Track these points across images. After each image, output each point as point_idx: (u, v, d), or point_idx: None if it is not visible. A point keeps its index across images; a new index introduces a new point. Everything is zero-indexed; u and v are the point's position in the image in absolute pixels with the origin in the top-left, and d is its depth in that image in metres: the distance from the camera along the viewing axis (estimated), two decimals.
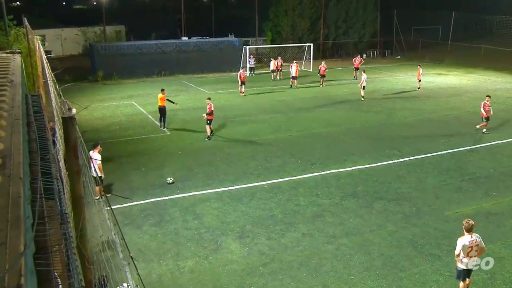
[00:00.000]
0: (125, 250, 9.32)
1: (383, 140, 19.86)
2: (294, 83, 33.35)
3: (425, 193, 14.21)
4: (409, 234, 11.63)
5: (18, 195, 2.16)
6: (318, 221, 12.42)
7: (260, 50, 48.21)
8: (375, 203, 13.48)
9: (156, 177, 15.63)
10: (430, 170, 16.26)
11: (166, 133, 21.23)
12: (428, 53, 50.46)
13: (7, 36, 25.95)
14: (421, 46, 52.90)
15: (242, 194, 14.22)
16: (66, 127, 4.07)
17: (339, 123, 22.89)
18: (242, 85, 30.44)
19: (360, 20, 52.39)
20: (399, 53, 53.12)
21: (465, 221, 8.62)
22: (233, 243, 11.31)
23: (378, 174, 15.83)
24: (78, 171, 4.21)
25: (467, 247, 8.44)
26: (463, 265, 8.61)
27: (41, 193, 2.73)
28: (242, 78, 30.42)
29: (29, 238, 1.87)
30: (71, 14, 71.17)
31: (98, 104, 27.73)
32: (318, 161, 17.23)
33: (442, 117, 24.22)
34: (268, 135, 20.74)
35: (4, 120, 3.21)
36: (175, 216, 12.78)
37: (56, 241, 2.58)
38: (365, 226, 12.08)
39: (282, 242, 11.33)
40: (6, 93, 4.05)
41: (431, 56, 49.38)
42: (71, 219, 3.93)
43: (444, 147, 18.70)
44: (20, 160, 2.60)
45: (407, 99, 28.97)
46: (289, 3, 48.93)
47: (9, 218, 1.96)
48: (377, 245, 11.11)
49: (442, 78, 37.52)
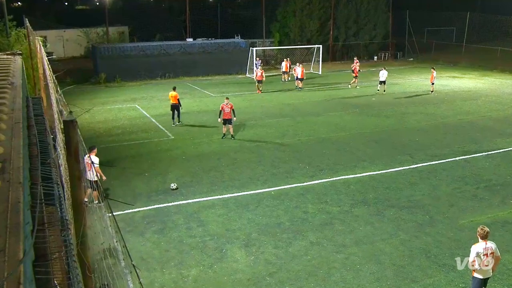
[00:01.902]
0: (127, 258, 9.35)
1: (395, 146, 19.79)
2: (299, 84, 33.69)
3: (439, 201, 14.12)
4: (422, 243, 11.56)
5: (18, 200, 2.17)
6: (327, 229, 12.37)
7: (267, 52, 48.28)
8: (387, 211, 13.42)
9: (160, 183, 15.66)
10: (444, 177, 16.16)
11: (170, 137, 21.29)
12: (442, 55, 50.30)
13: (8, 37, 26.19)
14: (435, 48, 52.71)
15: (248, 201, 14.21)
16: (67, 131, 4.09)
17: (349, 128, 22.84)
18: (259, 83, 32.71)
19: (371, 21, 52.31)
20: (412, 55, 52.97)
21: (480, 227, 8.53)
22: (239, 251, 11.29)
23: (390, 181, 15.76)
24: (79, 176, 4.24)
25: (481, 255, 8.33)
26: (479, 274, 8.50)
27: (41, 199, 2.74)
28: (258, 77, 32.66)
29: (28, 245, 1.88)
30: (73, 14, 71.70)
31: (100, 107, 27.88)
32: (327, 167, 17.19)
33: (457, 121, 24.10)
34: (275, 140, 20.73)
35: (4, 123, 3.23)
36: (179, 223, 12.78)
37: (56, 248, 2.59)
38: (376, 235, 12.02)
39: (290, 251, 11.30)
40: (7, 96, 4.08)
41: (445, 58, 49.21)
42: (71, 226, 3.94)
43: (459, 153, 18.59)
44: (20, 165, 2.62)
45: (419, 103, 28.87)
46: (298, 4, 48.95)
47: (8, 224, 1.97)
48: (389, 254, 11.05)
49: (457, 81, 37.36)
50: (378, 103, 28.57)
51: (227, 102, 20.68)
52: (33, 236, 2.01)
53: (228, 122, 20.72)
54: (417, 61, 50.92)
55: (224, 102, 20.71)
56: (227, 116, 20.59)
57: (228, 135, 20.93)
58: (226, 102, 20.72)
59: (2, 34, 26.62)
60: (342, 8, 50.81)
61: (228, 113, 20.55)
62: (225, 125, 20.80)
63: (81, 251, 4.05)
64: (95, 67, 38.96)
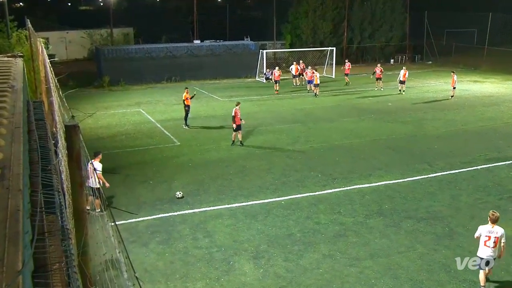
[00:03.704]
0: (130, 270, 9.35)
1: (412, 153, 19.68)
2: (316, 91, 33.19)
3: (459, 212, 14.00)
4: (441, 257, 11.45)
5: (17, 208, 2.18)
6: (340, 241, 12.31)
7: (278, 55, 48.36)
8: (403, 223, 13.32)
9: (165, 191, 15.70)
10: (465, 186, 16.03)
11: (176, 144, 21.36)
12: (462, 58, 50.03)
13: (8, 39, 26.52)
14: (455, 51, 52.48)
15: (257, 211, 14.19)
16: (69, 136, 4.12)
17: (363, 134, 22.77)
18: (276, 83, 34.66)
19: (388, 22, 52.25)
20: (430, 58, 52.78)
21: (491, 212, 9.88)
22: (247, 264, 11.27)
23: (407, 191, 15.66)
24: (80, 183, 4.25)
25: (484, 236, 9.67)
26: (480, 253, 9.83)
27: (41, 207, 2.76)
28: (276, 77, 34.74)
29: (27, 255, 1.88)
30: (77, 15, 72.49)
31: (104, 112, 28.07)
32: (340, 175, 17.13)
33: (478, 128, 23.94)
34: (286, 147, 20.71)
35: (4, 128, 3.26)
36: (184, 233, 12.79)
37: (57, 259, 2.59)
38: (392, 248, 11.94)
39: (301, 263, 11.25)
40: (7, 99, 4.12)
41: (465, 61, 48.95)
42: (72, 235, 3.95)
43: (480, 162, 18.45)
44: (19, 171, 2.63)
45: (439, 108, 28.73)
46: (310, 4, 49.06)
47: (7, 233, 1.98)
48: (406, 268, 10.96)
49: (478, 86, 37.14)
50: (395, 109, 28.48)
51: (239, 107, 20.83)
52: (32, 246, 2.01)
53: (239, 128, 20.75)
54: (436, 64, 50.74)
55: (237, 107, 20.79)
56: (239, 122, 20.65)
57: (237, 141, 20.96)
58: (239, 106, 20.85)
59: (3, 35, 26.95)
60: (357, 8, 50.84)
61: (238, 118, 20.61)
62: (236, 132, 20.81)
63: (82, 261, 4.06)
64: (98, 70, 39.30)
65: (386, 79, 37.19)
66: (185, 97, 24.12)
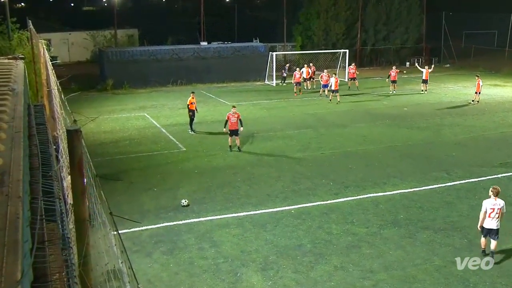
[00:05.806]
0: (133, 281, 9.33)
1: (429, 161, 19.57)
2: (337, 97, 32.06)
3: (478, 223, 13.86)
4: (459, 270, 11.36)
5: (17, 216, 2.19)
6: (353, 252, 12.25)
7: (288, 57, 48.38)
8: (420, 234, 13.24)
9: (169, 199, 15.73)
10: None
11: (182, 150, 21.41)
12: (482, 61, 49.75)
13: (9, 40, 26.79)
14: (474, 53, 52.22)
15: (265, 220, 14.16)
16: (71, 141, 4.13)
17: (378, 141, 22.69)
18: (297, 85, 35.56)
19: (403, 24, 52.11)
20: (448, 61, 52.54)
21: (492, 187, 11.71)
22: (255, 275, 11.24)
23: (423, 200, 15.57)
24: (82, 190, 4.27)
25: (489, 208, 11.43)
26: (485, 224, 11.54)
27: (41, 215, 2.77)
28: (296, 78, 35.54)
29: (27, 264, 1.89)
30: (80, 16, 73.04)
31: (107, 116, 28.21)
32: (353, 183, 17.07)
33: (499, 135, 23.77)
34: (296, 153, 20.69)
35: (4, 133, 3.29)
36: (190, 243, 12.79)
37: (57, 269, 2.60)
38: (407, 260, 11.86)
39: (311, 276, 11.20)
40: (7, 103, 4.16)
41: (485, 64, 48.66)
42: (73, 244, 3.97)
43: (501, 170, 18.30)
44: (19, 177, 2.65)
45: (457, 114, 28.58)
46: (322, 5, 49.02)
47: (5, 241, 1.99)
48: (422, 282, 10.88)
49: (499, 90, 36.91)
50: (411, 114, 28.36)
51: (234, 111, 20.83)
52: (32, 255, 2.02)
53: (234, 133, 20.77)
54: (454, 67, 50.49)
55: (231, 111, 20.86)
56: (234, 127, 20.66)
57: (234, 147, 20.95)
58: (233, 111, 20.87)
59: (4, 36, 27.24)
60: (371, 9, 50.72)
61: (234, 123, 20.62)
62: (231, 137, 20.86)
63: (83, 272, 4.07)
64: (102, 72, 39.49)
65: (401, 83, 37.10)
66: (190, 101, 24.19)
